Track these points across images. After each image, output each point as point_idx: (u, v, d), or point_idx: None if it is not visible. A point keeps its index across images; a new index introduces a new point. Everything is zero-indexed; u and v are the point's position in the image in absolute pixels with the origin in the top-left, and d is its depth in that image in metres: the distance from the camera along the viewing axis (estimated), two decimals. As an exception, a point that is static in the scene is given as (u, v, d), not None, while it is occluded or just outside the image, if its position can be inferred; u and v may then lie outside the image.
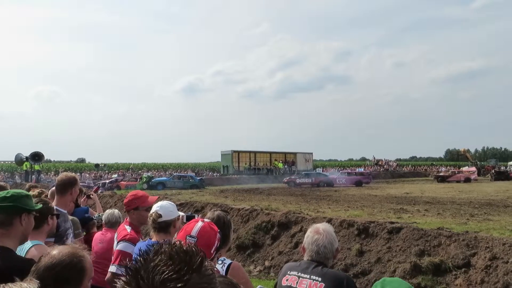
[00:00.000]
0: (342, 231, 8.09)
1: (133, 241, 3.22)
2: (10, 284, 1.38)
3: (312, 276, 2.24)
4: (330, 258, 2.38)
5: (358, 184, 32.27)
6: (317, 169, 46.23)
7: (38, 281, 1.43)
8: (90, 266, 1.72)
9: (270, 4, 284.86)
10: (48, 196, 5.16)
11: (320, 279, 2.21)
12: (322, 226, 2.46)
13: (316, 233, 2.38)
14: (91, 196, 5.81)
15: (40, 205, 2.66)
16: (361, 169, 48.97)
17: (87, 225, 5.14)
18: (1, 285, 1.39)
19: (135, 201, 3.41)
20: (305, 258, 2.39)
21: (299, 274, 2.30)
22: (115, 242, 3.38)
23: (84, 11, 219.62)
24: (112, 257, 3.23)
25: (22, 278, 1.53)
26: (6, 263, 1.99)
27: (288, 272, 2.36)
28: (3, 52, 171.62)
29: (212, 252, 1.69)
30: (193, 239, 1.65)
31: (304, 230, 2.61)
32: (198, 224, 1.71)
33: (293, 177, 36.05)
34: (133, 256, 2.88)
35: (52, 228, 2.78)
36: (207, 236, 1.69)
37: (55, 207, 3.09)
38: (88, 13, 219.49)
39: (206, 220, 1.79)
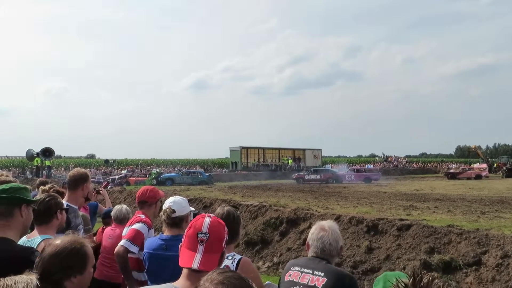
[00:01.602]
0: (351, 228, 8.06)
1: (148, 225, 3.35)
2: (8, 278, 1.42)
3: (315, 271, 2.22)
4: (335, 255, 2.36)
5: (367, 181, 32.23)
6: (326, 165, 46.09)
7: (37, 273, 1.47)
8: (91, 252, 1.86)
9: (278, 0, 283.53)
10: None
11: (322, 274, 2.19)
12: (328, 223, 2.44)
13: (322, 230, 2.36)
14: (100, 191, 5.85)
15: (37, 198, 2.69)
16: (370, 166, 48.76)
17: (106, 219, 5.17)
18: (1, 279, 1.42)
19: (156, 195, 3.56)
20: (310, 254, 2.38)
21: (302, 269, 2.29)
22: (126, 230, 3.46)
23: (92, 7, 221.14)
24: (126, 233, 3.31)
25: (23, 267, 1.62)
26: (8, 253, 2.05)
27: (291, 268, 2.35)
28: (13, 49, 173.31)
29: (223, 245, 1.69)
30: (205, 235, 1.64)
31: (313, 227, 2.60)
32: (206, 220, 1.69)
33: (301, 173, 36.04)
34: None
35: (61, 223, 2.80)
36: (218, 230, 1.68)
37: (65, 203, 3.11)
38: (96, 10, 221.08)
39: (211, 215, 1.78)
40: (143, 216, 3.41)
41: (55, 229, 2.72)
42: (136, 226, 3.28)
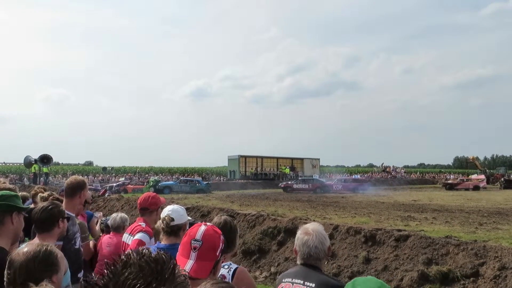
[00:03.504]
0: (349, 238, 8.04)
1: (149, 234, 3.37)
2: None
3: (306, 282, 2.20)
4: (323, 257, 2.32)
5: (355, 190, 32.56)
6: (313, 175, 45.62)
7: (20, 281, 1.48)
8: (62, 256, 1.91)
9: (279, 9, 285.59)
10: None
11: (313, 285, 2.17)
12: (311, 225, 2.40)
13: (306, 234, 2.33)
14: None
15: (29, 206, 2.69)
16: (357, 176, 48.57)
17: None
18: None
19: (157, 202, 3.57)
20: (298, 261, 2.36)
21: (293, 279, 2.27)
22: (127, 236, 3.50)
23: (93, 14, 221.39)
24: (130, 245, 3.33)
25: None
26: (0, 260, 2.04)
27: (283, 280, 2.33)
28: (14, 54, 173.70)
29: (217, 254, 1.71)
30: (198, 242, 1.67)
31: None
32: (201, 228, 1.73)
33: (289, 182, 35.98)
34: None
35: (62, 231, 2.81)
36: (211, 239, 1.71)
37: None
38: (97, 17, 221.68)
39: (208, 224, 1.81)
40: (143, 225, 3.42)
41: (56, 238, 2.73)
42: (138, 236, 3.30)
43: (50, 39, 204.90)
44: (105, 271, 0.82)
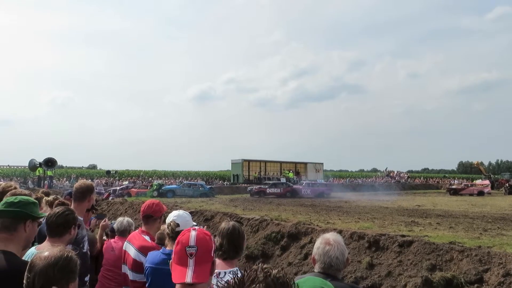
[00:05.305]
0: (353, 243, 8.04)
1: (145, 253, 3.29)
2: None
3: None
4: (342, 269, 2.36)
5: (320, 195, 32.69)
6: (281, 179, 45.37)
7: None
8: (79, 262, 1.89)
9: (283, 13, 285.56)
10: None
11: None
12: (332, 236, 2.43)
13: (327, 244, 2.35)
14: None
15: (44, 214, 2.71)
16: (321, 181, 48.25)
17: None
18: None
19: (161, 209, 3.56)
20: (316, 269, 2.36)
21: None
22: (126, 244, 3.46)
23: (97, 18, 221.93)
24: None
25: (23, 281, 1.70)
26: (10, 266, 2.06)
27: None
28: (18, 57, 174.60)
29: (212, 255, 1.70)
30: (193, 248, 1.66)
31: (314, 242, 2.60)
32: (192, 233, 1.70)
33: (262, 186, 35.59)
34: (147, 264, 2.91)
35: (72, 238, 2.85)
36: (205, 242, 1.68)
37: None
38: (101, 20, 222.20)
39: (196, 227, 1.80)
40: (149, 240, 3.37)
41: (65, 243, 2.76)
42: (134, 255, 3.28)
43: (54, 42, 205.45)
44: (231, 280, 0.84)
